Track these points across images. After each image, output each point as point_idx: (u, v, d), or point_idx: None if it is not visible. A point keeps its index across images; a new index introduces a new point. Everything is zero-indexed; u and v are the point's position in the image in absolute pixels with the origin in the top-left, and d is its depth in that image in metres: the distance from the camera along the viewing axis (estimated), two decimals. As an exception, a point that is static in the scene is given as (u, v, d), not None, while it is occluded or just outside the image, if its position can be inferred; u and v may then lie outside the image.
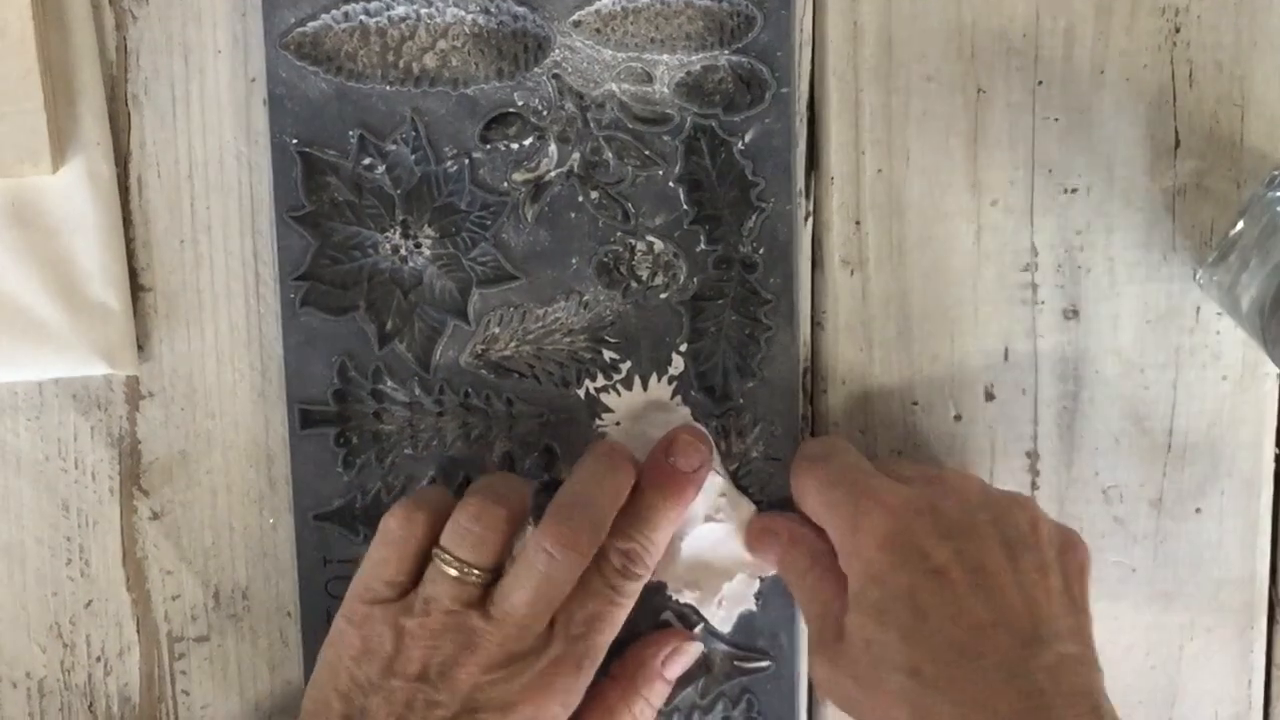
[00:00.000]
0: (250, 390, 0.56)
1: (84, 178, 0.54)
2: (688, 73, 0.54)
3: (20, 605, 0.57)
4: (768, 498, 0.57)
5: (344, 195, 0.55)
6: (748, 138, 0.55)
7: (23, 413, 0.56)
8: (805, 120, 0.56)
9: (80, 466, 0.57)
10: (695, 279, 0.55)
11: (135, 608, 0.57)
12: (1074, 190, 0.56)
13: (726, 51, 0.54)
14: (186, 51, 0.55)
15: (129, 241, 0.56)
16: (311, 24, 0.54)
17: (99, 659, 0.58)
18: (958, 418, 0.57)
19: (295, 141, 0.54)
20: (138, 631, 0.58)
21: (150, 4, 0.55)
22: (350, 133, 0.54)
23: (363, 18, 0.53)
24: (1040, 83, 0.56)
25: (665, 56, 0.54)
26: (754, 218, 0.55)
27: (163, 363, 0.56)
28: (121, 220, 0.55)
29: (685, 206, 0.55)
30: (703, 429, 0.56)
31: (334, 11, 0.53)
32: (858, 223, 0.56)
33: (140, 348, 0.56)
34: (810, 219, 0.56)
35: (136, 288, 0.56)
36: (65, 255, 0.54)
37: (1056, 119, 0.56)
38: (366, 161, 0.54)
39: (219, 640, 0.58)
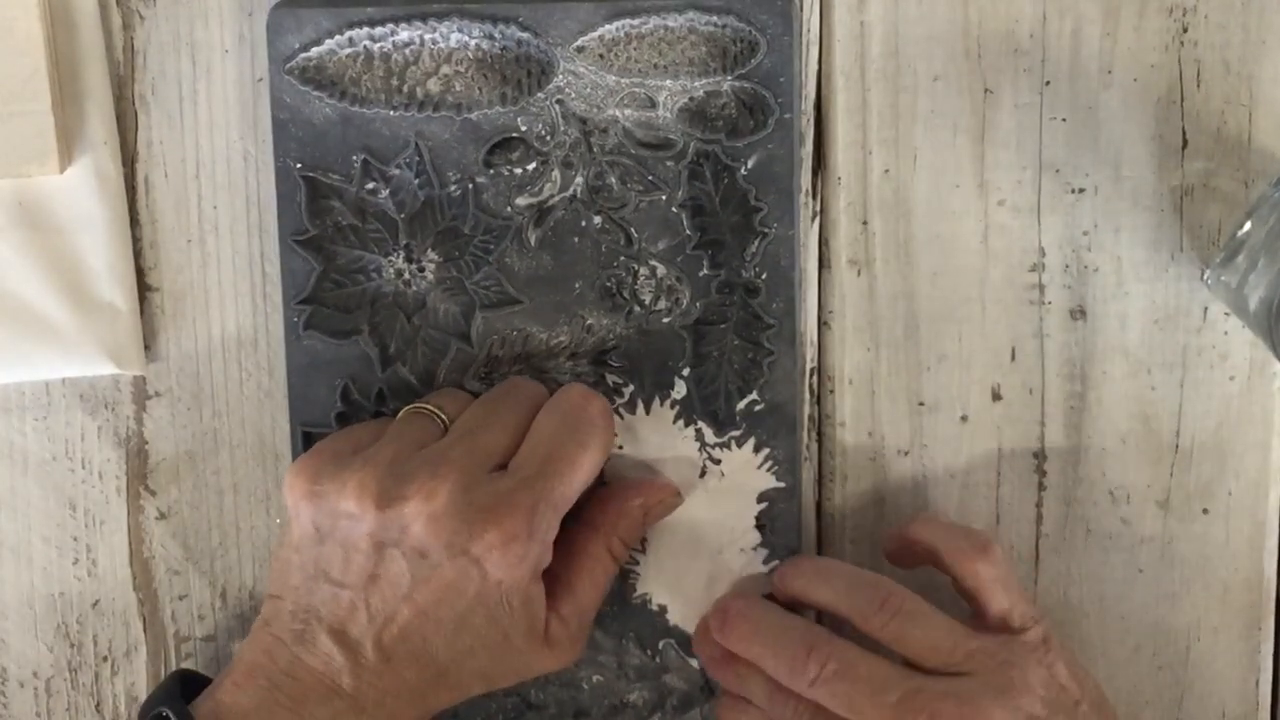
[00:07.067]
0: (257, 389, 0.56)
1: (91, 178, 0.54)
2: (691, 98, 0.54)
3: (27, 604, 0.57)
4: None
5: (348, 219, 0.55)
6: (750, 163, 0.55)
7: (30, 412, 0.56)
8: (812, 120, 0.56)
9: (87, 466, 0.57)
10: (698, 303, 0.55)
11: (142, 607, 0.58)
12: (1081, 190, 0.56)
13: (729, 77, 0.54)
14: (194, 51, 0.55)
15: (136, 241, 0.56)
16: (315, 49, 0.53)
17: (106, 659, 0.58)
18: (964, 418, 0.57)
19: (299, 166, 0.54)
20: (145, 631, 0.58)
21: (157, 3, 0.55)
22: (354, 157, 0.54)
23: (366, 43, 0.53)
24: (1047, 83, 0.55)
25: (668, 82, 0.54)
26: (756, 243, 0.55)
27: (169, 362, 0.56)
28: (128, 220, 0.55)
29: (688, 231, 0.55)
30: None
31: (338, 37, 0.53)
32: (865, 222, 0.56)
33: (147, 347, 0.56)
34: (817, 219, 0.56)
35: (143, 287, 0.56)
36: (72, 255, 0.54)
37: (1064, 119, 0.56)
38: (370, 186, 0.54)
39: (226, 640, 0.58)
